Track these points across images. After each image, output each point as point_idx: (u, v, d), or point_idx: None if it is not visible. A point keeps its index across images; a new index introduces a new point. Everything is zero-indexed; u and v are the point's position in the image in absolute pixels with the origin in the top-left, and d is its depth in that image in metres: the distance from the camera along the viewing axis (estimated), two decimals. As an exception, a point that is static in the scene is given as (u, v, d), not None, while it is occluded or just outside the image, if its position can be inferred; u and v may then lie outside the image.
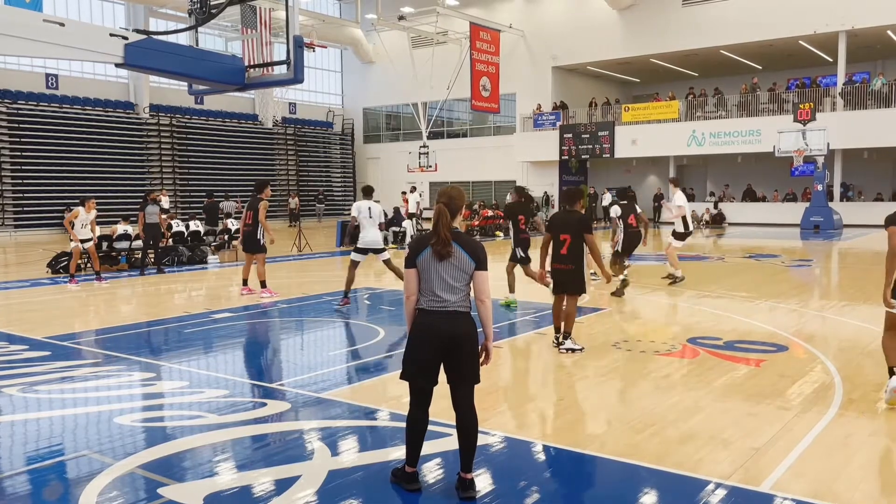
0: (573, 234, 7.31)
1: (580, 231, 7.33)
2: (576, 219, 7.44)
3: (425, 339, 4.00)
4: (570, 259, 7.35)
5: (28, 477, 4.43)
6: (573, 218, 7.46)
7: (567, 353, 7.37)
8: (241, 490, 4.16)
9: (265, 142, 37.94)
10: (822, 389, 6.03)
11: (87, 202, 13.72)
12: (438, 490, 4.13)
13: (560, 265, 7.39)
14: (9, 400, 6.02)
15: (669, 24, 31.34)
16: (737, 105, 31.05)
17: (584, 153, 33.65)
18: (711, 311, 9.83)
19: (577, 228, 7.34)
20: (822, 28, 27.95)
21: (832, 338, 8.46)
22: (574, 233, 7.32)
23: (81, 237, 13.57)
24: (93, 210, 13.74)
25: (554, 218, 7.66)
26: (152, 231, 15.01)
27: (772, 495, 4.00)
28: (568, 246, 7.30)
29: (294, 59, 7.32)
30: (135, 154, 32.17)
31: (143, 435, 5.13)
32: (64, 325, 9.34)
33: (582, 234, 7.33)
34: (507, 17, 35.01)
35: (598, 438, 4.95)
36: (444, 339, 3.97)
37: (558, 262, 7.39)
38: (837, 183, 29.11)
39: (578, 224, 7.38)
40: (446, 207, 4.04)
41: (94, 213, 13.84)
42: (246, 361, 7.72)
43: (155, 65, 7.10)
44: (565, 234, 7.33)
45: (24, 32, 5.90)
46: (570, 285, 7.42)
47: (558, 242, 7.37)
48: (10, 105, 28.53)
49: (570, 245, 7.31)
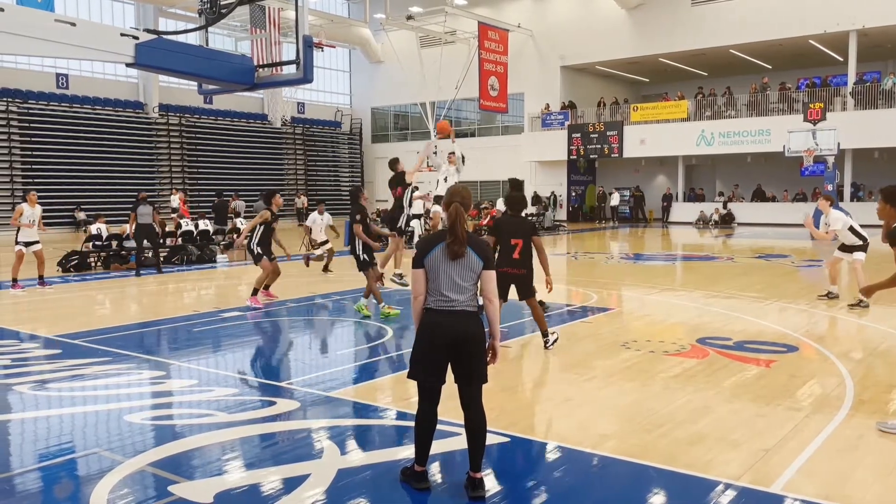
0: (525, 238, 7.37)
1: (531, 235, 7.42)
2: (527, 224, 7.61)
3: (433, 339, 4.01)
4: (522, 263, 7.37)
5: (40, 474, 4.46)
6: (524, 223, 7.59)
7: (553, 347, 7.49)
8: (250, 488, 4.17)
9: (274, 141, 38.05)
10: (832, 390, 6.00)
11: (29, 195, 12.53)
12: (447, 489, 4.13)
13: (513, 269, 7.35)
14: (20, 398, 6.05)
15: (678, 23, 31.24)
16: (746, 105, 30.92)
17: (593, 153, 33.60)
18: (721, 312, 9.80)
19: (528, 232, 7.43)
20: (832, 27, 27.81)
21: (843, 338, 8.42)
22: (525, 237, 7.38)
23: (25, 239, 12.37)
24: (36, 205, 12.46)
25: (501, 222, 7.62)
26: (144, 231, 14.70)
27: (782, 496, 3.98)
28: (520, 250, 7.34)
29: (303, 59, 7.33)
30: (144, 154, 32.33)
31: (153, 433, 5.15)
32: (74, 323, 9.39)
33: (531, 237, 7.40)
34: (516, 17, 34.98)
35: (607, 439, 4.94)
36: (452, 338, 3.98)
37: (510, 266, 7.34)
38: (848, 183, 28.96)
39: (531, 229, 7.51)
40: (461, 206, 4.06)
41: (40, 209, 12.57)
42: (255, 360, 7.74)
43: (165, 64, 7.12)
44: (517, 238, 7.35)
45: (36, 32, 5.94)
46: (524, 289, 7.43)
47: (508, 247, 7.34)
48: (21, 105, 28.72)
49: (521, 249, 7.35)
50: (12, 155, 28.30)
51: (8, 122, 28.18)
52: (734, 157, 32.07)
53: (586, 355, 7.43)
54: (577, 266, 16.69)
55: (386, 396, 6.07)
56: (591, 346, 7.86)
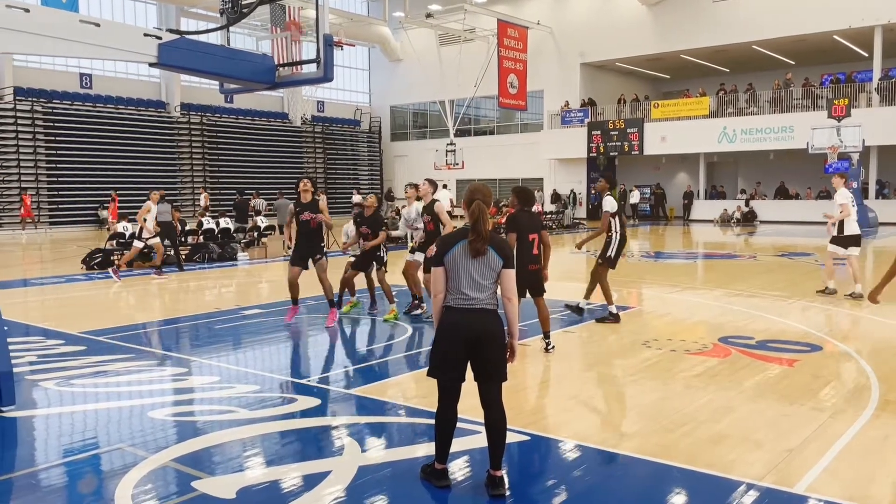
0: (539, 234, 7.24)
1: (541, 230, 7.31)
2: (539, 218, 7.58)
3: (452, 337, 4.01)
4: (539, 259, 7.24)
5: (65, 469, 4.52)
6: (537, 217, 7.55)
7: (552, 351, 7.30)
8: (272, 484, 4.20)
9: (294, 140, 38.25)
10: (857, 390, 5.92)
11: (153, 194, 13.97)
12: (467, 487, 4.13)
13: (533, 266, 7.19)
14: (45, 394, 6.14)
15: (700, 19, 30.95)
16: (769, 101, 30.58)
17: (613, 150, 33.41)
18: (743, 310, 9.70)
19: (540, 227, 7.32)
20: (857, 22, 27.42)
21: (867, 338, 8.30)
22: (539, 232, 7.25)
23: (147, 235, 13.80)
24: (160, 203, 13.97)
25: (518, 217, 7.24)
26: (165, 229, 14.94)
27: (806, 497, 3.93)
28: (537, 245, 7.19)
29: (324, 58, 7.35)
30: (166, 152, 32.66)
31: (175, 429, 5.20)
32: (99, 320, 9.50)
33: (541, 232, 7.28)
34: (535, 14, 34.85)
35: (629, 438, 4.91)
36: (471, 336, 3.98)
37: (531, 262, 7.17)
38: (873, 180, 28.56)
39: (541, 223, 7.46)
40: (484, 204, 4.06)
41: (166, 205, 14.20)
42: (275, 357, 7.79)
43: (188, 64, 7.17)
44: (534, 233, 7.18)
45: (61, 33, 6.01)
46: (539, 286, 7.30)
47: (527, 243, 7.14)
48: (46, 104, 29.11)
49: (537, 244, 7.20)
50: (37, 154, 28.70)
51: (33, 121, 28.58)
52: (756, 155, 31.74)
53: (607, 354, 7.39)
54: (596, 264, 16.57)
55: (406, 394, 6.08)
56: (612, 344, 7.82)
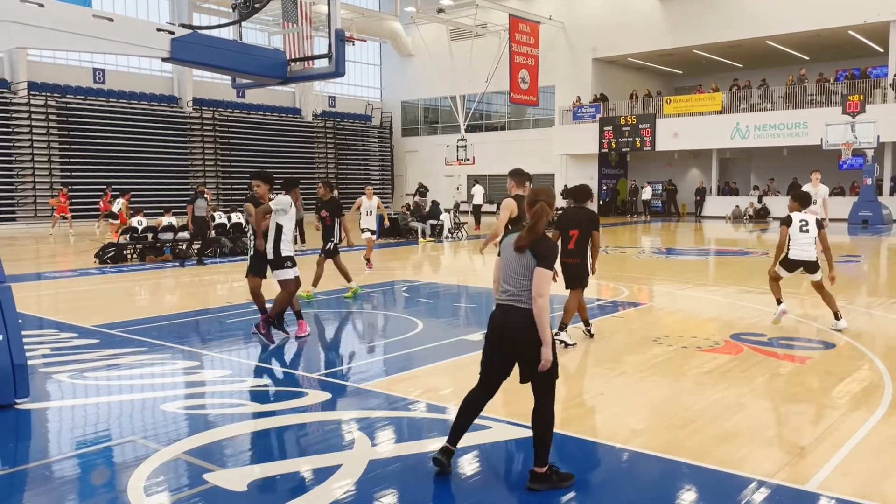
0: (582, 230, 7.45)
1: (590, 227, 7.47)
2: (587, 215, 7.62)
3: (488, 328, 4.17)
4: (577, 253, 7.47)
5: (78, 461, 4.56)
6: (585, 214, 7.62)
7: (562, 345, 7.28)
8: (283, 477, 4.23)
9: (305, 135, 38.30)
10: (869, 388, 5.88)
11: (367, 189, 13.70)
12: (476, 482, 4.14)
13: (568, 259, 7.48)
14: (58, 386, 6.19)
15: (713, 14, 30.72)
16: (783, 97, 30.33)
17: (624, 146, 33.26)
18: (755, 307, 9.65)
19: (588, 225, 7.48)
20: (872, 17, 27.14)
21: (881, 335, 8.25)
22: (584, 228, 7.46)
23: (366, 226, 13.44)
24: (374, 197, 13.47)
25: (562, 214, 7.72)
26: (200, 224, 15.40)
27: (818, 494, 3.92)
28: (575, 241, 7.44)
29: (336, 53, 7.36)
30: (178, 147, 32.78)
31: (187, 422, 5.23)
32: (111, 313, 9.56)
33: (591, 230, 7.47)
34: (547, 9, 34.71)
35: (639, 434, 4.90)
36: (498, 330, 4.07)
37: (566, 257, 7.46)
38: (887, 177, 28.29)
39: (589, 221, 7.53)
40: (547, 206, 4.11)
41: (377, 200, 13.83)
42: (286, 351, 7.82)
43: (200, 59, 7.19)
44: (574, 229, 7.46)
45: (75, 28, 6.04)
46: (572, 278, 7.52)
47: (565, 237, 7.49)
48: (59, 99, 29.28)
49: (577, 240, 7.44)
50: (51, 148, 28.88)
51: (46, 116, 28.76)
52: (770, 151, 31.50)
53: (618, 350, 7.37)
54: (608, 260, 16.54)
55: (416, 389, 6.09)
56: (623, 341, 7.80)
